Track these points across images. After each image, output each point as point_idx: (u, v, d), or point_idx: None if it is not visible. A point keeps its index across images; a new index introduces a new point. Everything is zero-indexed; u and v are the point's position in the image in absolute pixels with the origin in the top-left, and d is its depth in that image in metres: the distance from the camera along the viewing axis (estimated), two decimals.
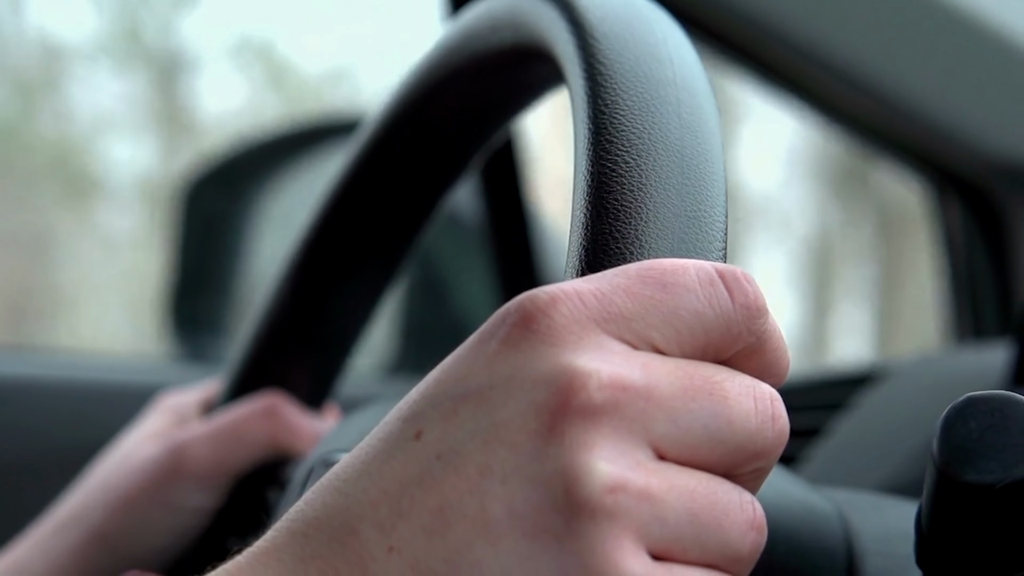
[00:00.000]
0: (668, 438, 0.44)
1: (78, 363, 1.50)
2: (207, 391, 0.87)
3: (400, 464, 0.45)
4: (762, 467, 0.46)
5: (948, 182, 1.31)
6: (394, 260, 0.81)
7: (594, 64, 0.54)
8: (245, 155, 1.69)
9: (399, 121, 0.75)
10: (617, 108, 0.52)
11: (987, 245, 1.30)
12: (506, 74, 0.70)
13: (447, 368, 0.46)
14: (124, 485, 0.81)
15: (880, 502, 0.67)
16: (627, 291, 0.46)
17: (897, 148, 1.30)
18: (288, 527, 0.46)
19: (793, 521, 0.62)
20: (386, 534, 0.44)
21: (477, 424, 0.44)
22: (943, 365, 0.99)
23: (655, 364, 0.45)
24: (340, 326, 0.83)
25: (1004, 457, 0.47)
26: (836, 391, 0.99)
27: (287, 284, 0.82)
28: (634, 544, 0.43)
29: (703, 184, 0.51)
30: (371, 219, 0.79)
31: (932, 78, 1.24)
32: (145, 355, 3.34)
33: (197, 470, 0.80)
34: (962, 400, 0.48)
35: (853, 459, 0.91)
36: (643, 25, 0.56)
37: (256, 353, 0.84)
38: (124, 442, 0.85)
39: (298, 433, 0.81)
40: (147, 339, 3.64)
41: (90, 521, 0.81)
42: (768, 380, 0.47)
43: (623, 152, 0.51)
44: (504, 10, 0.65)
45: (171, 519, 0.81)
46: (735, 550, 0.45)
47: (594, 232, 0.49)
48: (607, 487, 0.43)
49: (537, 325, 0.45)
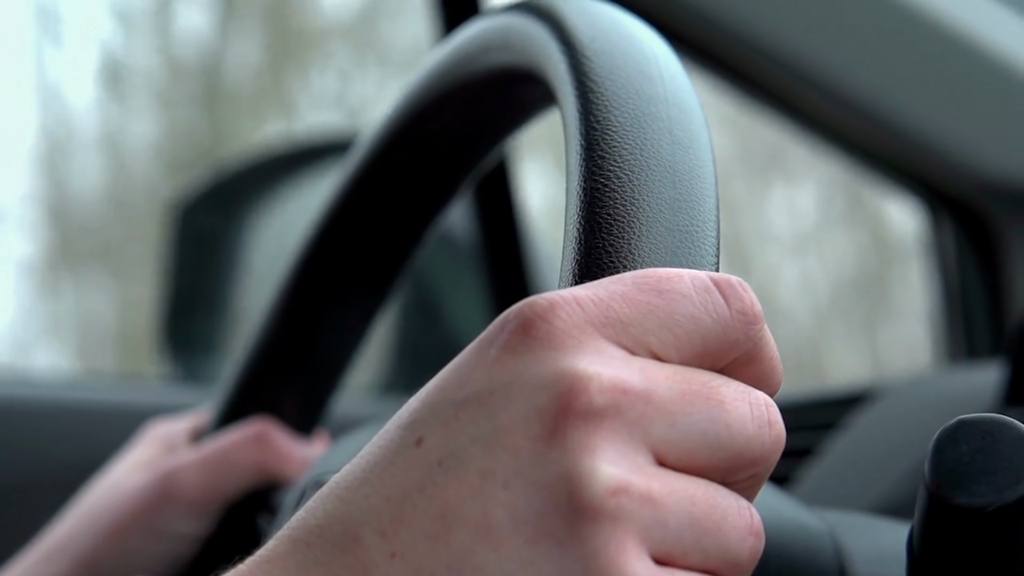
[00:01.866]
0: (667, 442, 0.45)
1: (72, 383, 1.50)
2: (196, 419, 0.87)
3: (401, 471, 0.45)
4: (758, 473, 0.46)
5: (941, 202, 1.31)
6: (386, 283, 0.81)
7: (586, 82, 0.54)
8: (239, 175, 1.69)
9: (392, 143, 0.75)
10: (609, 125, 0.52)
11: (980, 265, 1.30)
12: (498, 95, 0.70)
13: (447, 375, 0.46)
14: (113, 512, 0.81)
15: (872, 523, 0.67)
16: (624, 297, 0.46)
17: (890, 168, 1.30)
18: (290, 535, 0.46)
19: (785, 540, 0.62)
20: (388, 540, 0.44)
21: (478, 429, 0.44)
22: (936, 385, 0.99)
23: (653, 369, 0.45)
24: (331, 351, 0.83)
25: (995, 480, 0.47)
26: (829, 411, 0.99)
27: (277, 309, 0.82)
28: (637, 547, 0.43)
29: (695, 199, 0.51)
30: (362, 242, 0.79)
31: (925, 98, 1.25)
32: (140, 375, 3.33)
33: (187, 497, 0.80)
34: (953, 423, 0.48)
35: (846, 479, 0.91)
36: (633, 44, 0.56)
37: (246, 379, 0.83)
38: (112, 471, 0.84)
39: (288, 459, 0.81)
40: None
41: (78, 549, 0.81)
42: (763, 389, 0.47)
43: (615, 168, 0.51)
44: (495, 31, 0.65)
45: (161, 546, 0.81)
46: (735, 555, 0.45)
47: (587, 246, 0.49)
48: (610, 490, 0.43)
49: (537, 331, 0.45)
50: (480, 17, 0.68)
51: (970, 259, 1.31)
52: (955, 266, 1.33)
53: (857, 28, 1.24)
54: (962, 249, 1.32)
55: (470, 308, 1.56)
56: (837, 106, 1.24)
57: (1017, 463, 0.47)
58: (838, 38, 1.24)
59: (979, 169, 1.25)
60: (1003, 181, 1.26)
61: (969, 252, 1.31)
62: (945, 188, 1.28)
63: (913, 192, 1.32)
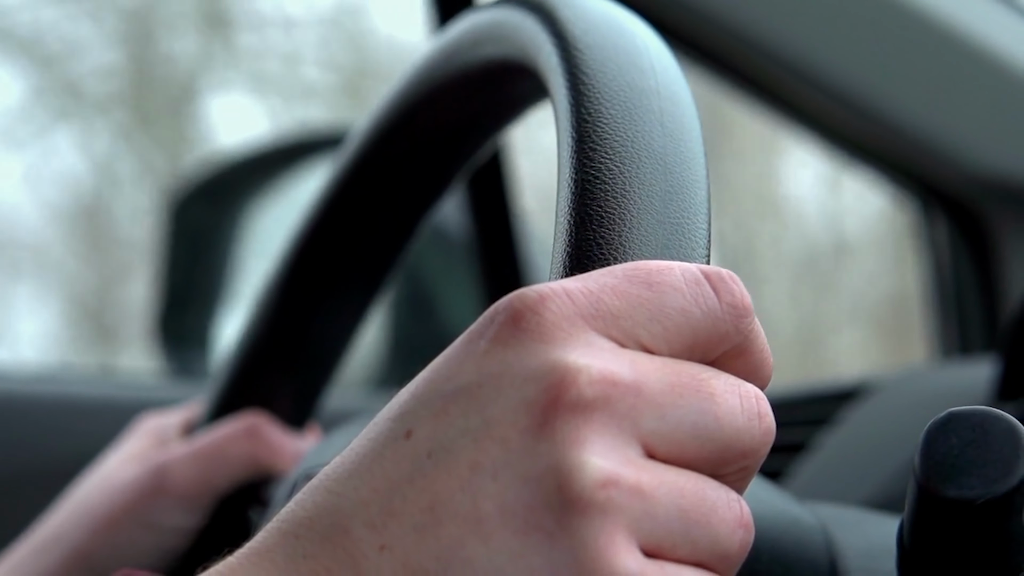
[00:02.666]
0: (656, 435, 0.44)
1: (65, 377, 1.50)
2: (188, 412, 0.87)
3: (391, 463, 0.45)
4: (748, 466, 0.46)
5: (934, 198, 1.31)
6: (378, 277, 0.81)
7: (577, 74, 0.54)
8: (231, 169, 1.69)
9: (383, 136, 0.75)
10: (600, 117, 0.52)
11: (973, 261, 1.30)
12: (490, 88, 0.70)
13: (437, 367, 0.46)
14: (105, 505, 0.81)
15: (864, 517, 0.67)
16: (615, 289, 0.46)
17: (883, 164, 1.30)
18: (279, 528, 0.46)
19: (777, 533, 0.62)
20: (377, 533, 0.44)
21: (467, 422, 0.44)
22: (929, 381, 0.99)
23: (643, 361, 0.45)
24: (323, 345, 0.83)
25: (985, 473, 0.47)
26: (822, 406, 0.99)
27: (269, 303, 0.82)
28: (626, 540, 0.43)
29: (686, 191, 0.51)
30: (355, 236, 0.79)
31: (918, 93, 1.25)
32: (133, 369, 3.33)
33: (179, 490, 0.80)
34: (943, 416, 0.48)
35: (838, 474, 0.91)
36: (625, 36, 0.56)
37: (238, 373, 0.83)
38: (104, 464, 0.84)
39: (280, 452, 0.81)
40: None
41: (70, 542, 0.81)
42: (753, 382, 0.47)
43: (607, 160, 0.51)
44: (487, 24, 0.65)
45: (153, 539, 0.81)
46: (724, 547, 0.45)
47: (578, 238, 0.49)
48: (599, 482, 0.43)
49: (526, 323, 0.45)
50: (472, 10, 0.68)
51: (963, 254, 1.31)
52: (948, 261, 1.33)
53: (851, 24, 1.24)
54: (955, 244, 1.32)
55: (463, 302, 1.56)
56: (830, 101, 1.24)
57: (1007, 456, 0.47)
58: (832, 34, 1.24)
59: (973, 165, 1.25)
60: (996, 177, 1.26)
61: (962, 247, 1.31)
62: (938, 184, 1.29)
63: (907, 188, 1.32)
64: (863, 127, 1.26)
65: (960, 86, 1.24)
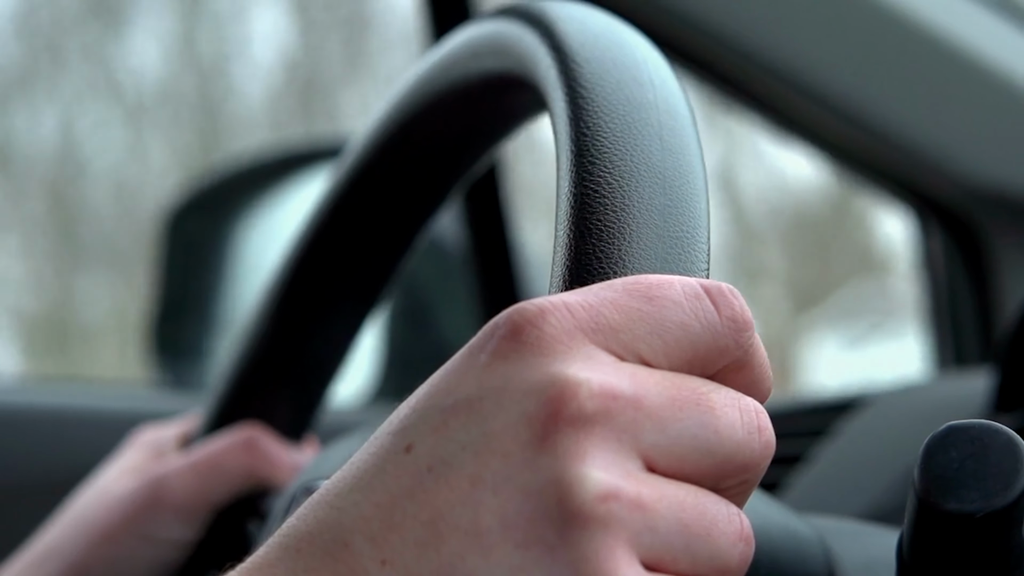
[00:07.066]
0: (656, 448, 0.44)
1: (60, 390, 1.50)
2: (185, 425, 0.87)
3: (391, 477, 0.45)
4: (748, 480, 0.46)
5: (930, 209, 1.31)
6: (375, 289, 0.81)
7: (576, 88, 0.54)
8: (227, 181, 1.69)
9: (380, 149, 0.75)
10: (599, 130, 0.52)
11: (968, 272, 1.31)
12: (488, 101, 0.70)
13: (437, 381, 0.46)
14: (102, 518, 0.81)
15: (862, 530, 0.67)
16: (614, 303, 0.46)
17: (879, 175, 1.30)
18: (280, 542, 0.46)
19: (775, 546, 0.62)
20: (378, 547, 0.44)
21: (468, 435, 0.44)
22: (925, 393, 0.99)
23: (643, 375, 0.45)
24: (320, 357, 0.83)
25: (985, 486, 0.47)
26: (818, 418, 0.99)
27: (266, 315, 0.82)
28: (627, 553, 0.43)
29: (686, 204, 0.51)
30: (352, 248, 0.79)
31: (914, 105, 1.25)
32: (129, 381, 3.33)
33: (176, 502, 0.80)
34: (943, 429, 0.48)
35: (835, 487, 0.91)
36: (623, 50, 0.56)
37: (235, 386, 0.83)
38: (100, 477, 0.84)
39: (277, 465, 0.81)
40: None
41: (68, 555, 0.81)
42: (753, 396, 0.47)
43: (606, 173, 0.51)
44: (485, 37, 0.65)
45: (150, 552, 0.81)
46: (724, 561, 0.45)
47: (577, 252, 0.49)
48: (599, 496, 0.43)
49: (526, 336, 0.45)
50: (470, 23, 0.68)
51: (959, 266, 1.31)
52: (944, 273, 1.33)
53: (847, 35, 1.24)
54: (951, 256, 1.32)
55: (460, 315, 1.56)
56: (827, 113, 1.24)
57: (1007, 469, 0.47)
58: (829, 46, 1.24)
59: (968, 176, 1.26)
60: (992, 188, 1.26)
61: (958, 259, 1.31)
62: (934, 195, 1.29)
63: (902, 199, 1.32)
64: (859, 138, 1.26)
65: (955, 97, 1.25)
